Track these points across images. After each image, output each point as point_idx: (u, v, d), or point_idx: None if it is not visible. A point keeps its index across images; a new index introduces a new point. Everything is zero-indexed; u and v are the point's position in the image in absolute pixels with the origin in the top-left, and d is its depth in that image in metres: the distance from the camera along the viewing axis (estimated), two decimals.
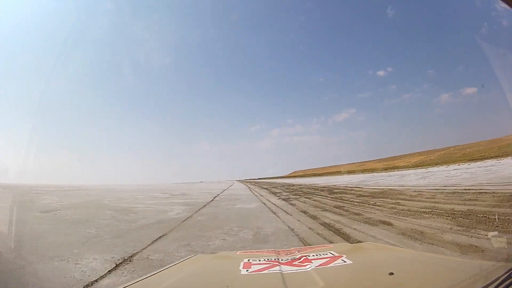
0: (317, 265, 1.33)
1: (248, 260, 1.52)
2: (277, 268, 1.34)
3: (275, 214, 10.06)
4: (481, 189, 10.82)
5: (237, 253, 2.14)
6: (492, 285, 0.89)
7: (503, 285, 0.88)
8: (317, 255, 1.52)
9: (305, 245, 5.23)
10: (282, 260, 1.50)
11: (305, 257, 1.48)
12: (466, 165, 34.33)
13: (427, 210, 8.06)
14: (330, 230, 6.65)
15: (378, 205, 10.30)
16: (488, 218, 6.19)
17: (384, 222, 7.06)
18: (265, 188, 32.42)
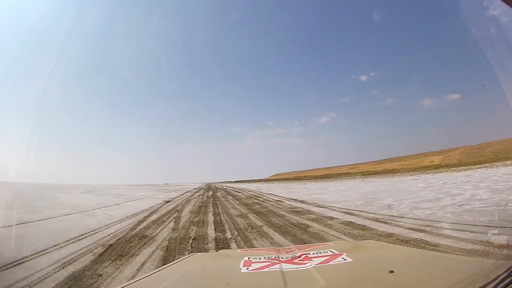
0: (318, 263, 1.33)
1: (249, 258, 1.52)
2: (278, 266, 1.34)
3: None
4: None
5: (238, 251, 2.16)
6: (492, 284, 0.89)
7: (503, 283, 0.88)
8: (317, 253, 1.52)
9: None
10: (282, 258, 1.50)
11: (305, 255, 1.48)
12: None
13: None
14: None
15: None
16: None
17: None
18: None
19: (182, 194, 27.71)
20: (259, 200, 18.17)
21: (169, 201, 19.26)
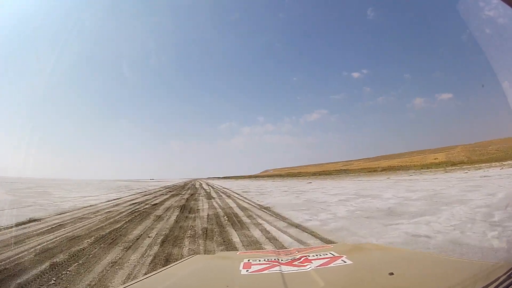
0: (317, 265, 1.33)
1: (248, 260, 1.52)
2: (277, 268, 1.34)
3: None
4: None
5: (237, 253, 2.16)
6: (492, 285, 0.89)
7: (503, 285, 0.88)
8: (317, 255, 1.52)
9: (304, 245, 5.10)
10: (282, 260, 1.50)
11: (305, 257, 1.48)
12: None
13: None
14: None
15: None
16: None
17: None
18: None
19: (119, 199, 18.26)
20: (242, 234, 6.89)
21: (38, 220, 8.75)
